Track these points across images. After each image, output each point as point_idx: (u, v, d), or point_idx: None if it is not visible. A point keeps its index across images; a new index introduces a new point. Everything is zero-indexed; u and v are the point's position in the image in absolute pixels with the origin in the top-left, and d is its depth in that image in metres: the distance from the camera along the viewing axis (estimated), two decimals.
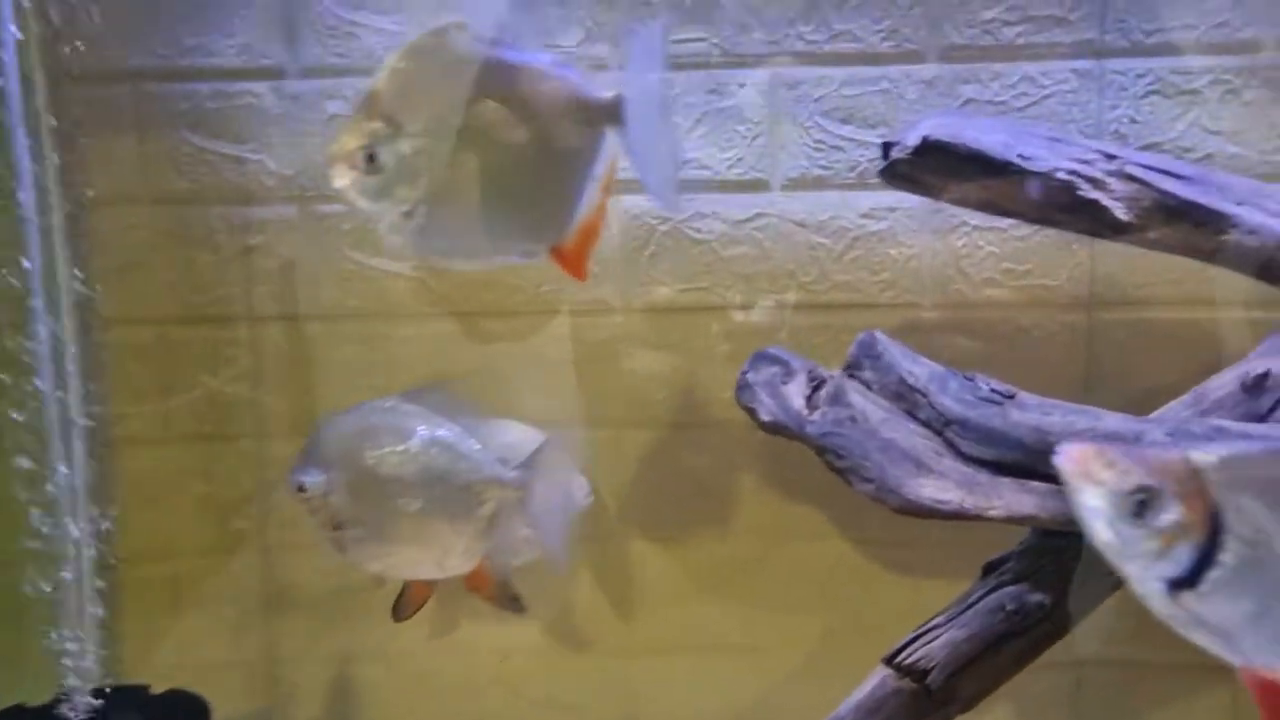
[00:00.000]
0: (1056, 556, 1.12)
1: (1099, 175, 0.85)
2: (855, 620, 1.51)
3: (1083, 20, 1.42)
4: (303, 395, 1.51)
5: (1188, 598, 0.73)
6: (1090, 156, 0.85)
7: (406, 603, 1.29)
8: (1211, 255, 0.84)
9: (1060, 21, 1.42)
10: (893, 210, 1.47)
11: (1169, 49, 1.41)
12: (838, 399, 1.12)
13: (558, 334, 1.49)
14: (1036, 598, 1.10)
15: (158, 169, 1.48)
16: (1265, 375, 1.11)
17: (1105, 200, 0.83)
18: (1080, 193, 0.83)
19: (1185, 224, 0.83)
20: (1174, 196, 0.84)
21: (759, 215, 1.48)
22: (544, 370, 1.50)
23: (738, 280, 1.47)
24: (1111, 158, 0.85)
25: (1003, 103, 1.45)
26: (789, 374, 1.14)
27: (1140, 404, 1.35)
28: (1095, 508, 0.74)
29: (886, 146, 0.93)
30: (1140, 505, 0.72)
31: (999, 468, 1.09)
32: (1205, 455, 0.73)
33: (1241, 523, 0.71)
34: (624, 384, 1.50)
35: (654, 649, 1.53)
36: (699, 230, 1.48)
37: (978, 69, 1.45)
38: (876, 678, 1.12)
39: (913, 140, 0.88)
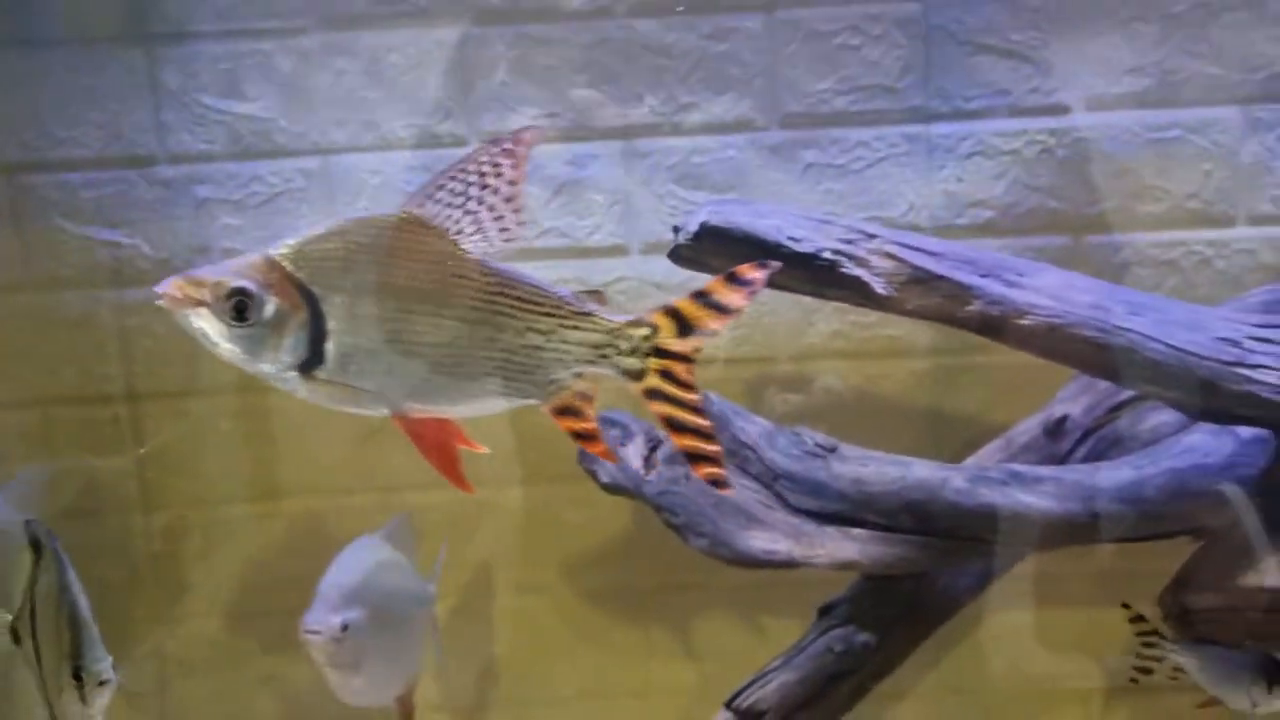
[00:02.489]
0: (882, 598, 1.21)
1: (861, 254, 0.93)
2: (736, 666, 1.59)
3: (908, 89, 1.52)
4: (185, 470, 1.56)
5: (323, 375, 0.81)
6: (853, 236, 0.94)
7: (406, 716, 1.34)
8: (962, 322, 0.92)
9: (889, 90, 1.52)
10: None
11: (988, 113, 1.52)
12: (673, 459, 1.20)
13: None
14: (863, 638, 1.18)
15: (36, 257, 1.54)
16: (1063, 420, 1.21)
17: (866, 276, 0.91)
18: (844, 270, 0.92)
19: (937, 295, 0.92)
20: (926, 271, 0.92)
21: (620, 279, 1.56)
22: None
23: None
24: (872, 237, 0.94)
25: (841, 165, 1.55)
26: (628, 436, 1.22)
27: (980, 445, 1.45)
28: (206, 328, 0.80)
29: (676, 230, 1.01)
30: (240, 309, 0.78)
31: (824, 517, 1.17)
32: (278, 249, 0.81)
33: (329, 291, 0.78)
34: (498, 445, 1.57)
35: (531, 701, 1.59)
36: None
37: (817, 135, 1.55)
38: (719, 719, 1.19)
39: (693, 226, 0.96)
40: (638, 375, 0.87)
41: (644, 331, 0.87)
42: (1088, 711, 1.58)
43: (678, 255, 0.98)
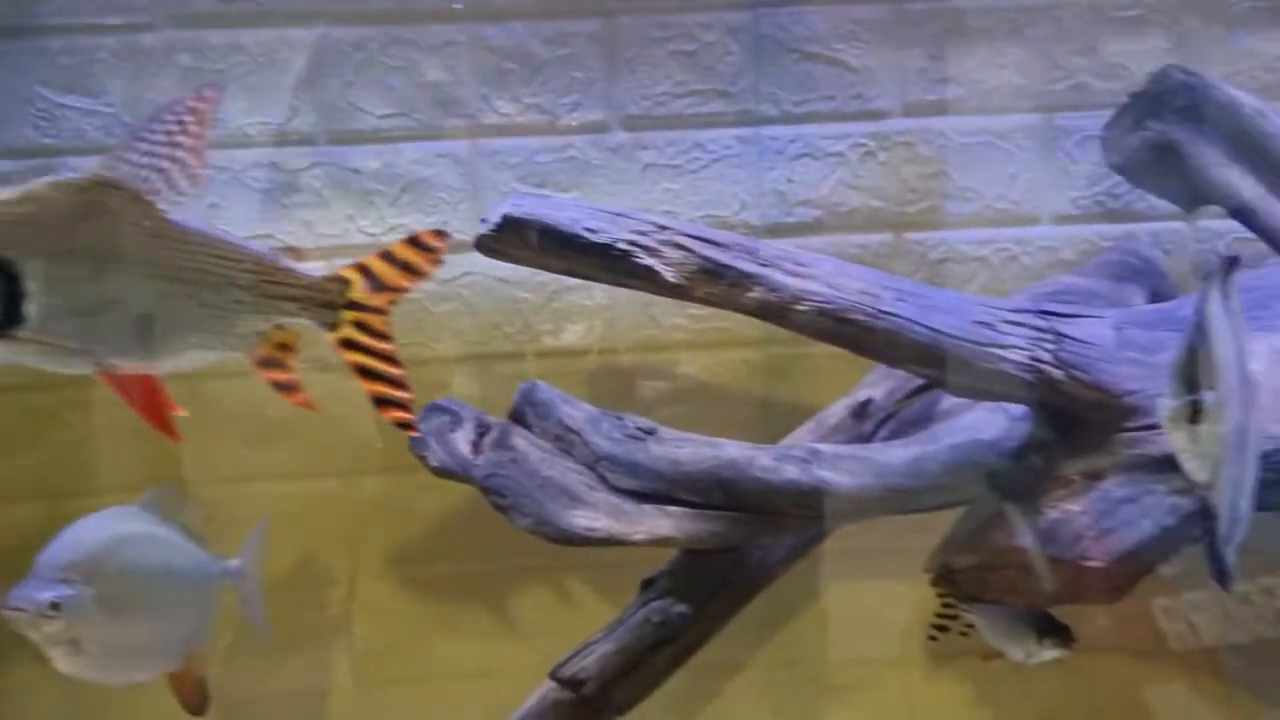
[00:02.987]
0: (699, 571, 1.28)
1: (653, 244, 0.99)
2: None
3: (741, 93, 1.61)
4: None
5: (24, 334, 0.83)
6: (646, 228, 1.00)
7: (188, 694, 1.30)
8: (744, 308, 0.99)
9: (722, 94, 1.60)
10: None
11: (815, 117, 1.61)
12: (501, 443, 1.25)
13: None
14: (680, 609, 1.25)
15: None
16: (868, 402, 1.30)
17: (657, 265, 0.97)
18: (636, 260, 0.98)
19: (723, 284, 0.98)
20: (712, 261, 0.99)
21: (466, 274, 1.61)
22: (270, 428, 1.59)
23: (448, 334, 1.60)
24: (664, 229, 1.00)
25: (678, 166, 1.62)
26: (458, 423, 1.27)
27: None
28: None
29: (484, 222, 1.07)
30: None
31: (642, 496, 1.23)
32: None
33: (24, 253, 0.82)
34: (349, 435, 1.60)
35: (389, 680, 1.62)
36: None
37: (654, 136, 1.62)
38: (542, 690, 1.25)
39: (495, 218, 1.01)
40: (332, 326, 0.96)
41: (338, 286, 0.94)
42: (909, 679, 1.68)
43: (482, 246, 1.04)
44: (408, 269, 0.96)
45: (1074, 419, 0.97)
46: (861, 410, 1.29)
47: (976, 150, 1.62)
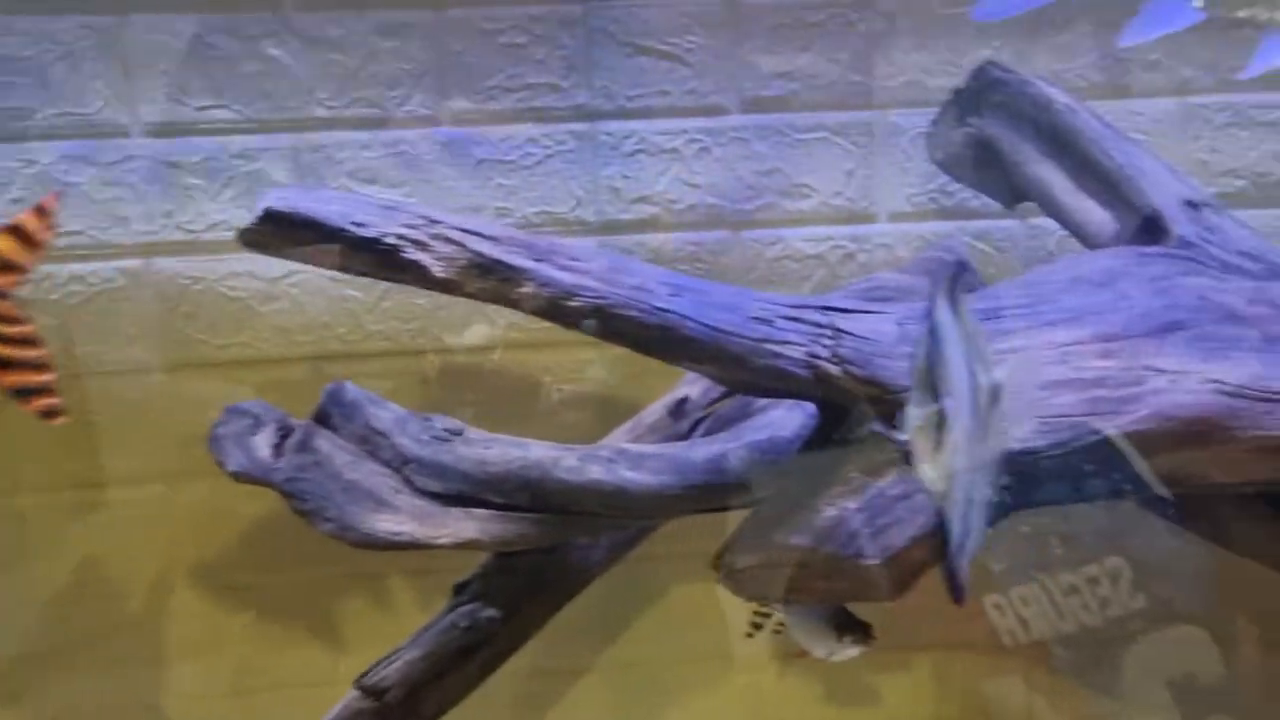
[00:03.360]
0: (509, 575, 1.25)
1: (423, 239, 0.96)
2: None
3: (574, 87, 1.58)
4: None
5: None
6: (417, 222, 0.97)
7: None
8: (516, 304, 0.97)
9: (555, 88, 1.58)
10: None
11: (650, 112, 1.59)
12: (304, 446, 1.21)
13: (111, 396, 1.52)
14: (488, 613, 1.22)
15: None
16: (684, 401, 1.28)
17: (426, 260, 0.94)
18: (404, 254, 0.95)
19: (494, 279, 0.96)
20: (484, 256, 0.96)
21: (293, 272, 1.56)
22: (88, 431, 1.53)
23: (275, 334, 1.55)
24: (435, 222, 0.97)
25: (512, 161, 1.59)
26: (259, 425, 1.22)
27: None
28: None
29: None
30: None
31: (449, 499, 1.20)
32: None
33: None
34: (171, 438, 1.54)
35: (203, 696, 1.57)
36: (234, 288, 1.55)
37: (487, 131, 1.59)
38: (346, 699, 1.21)
39: (257, 211, 0.98)
40: None
41: None
42: (758, 679, 1.67)
43: (245, 239, 1.00)
44: (29, 242, 0.88)
45: (854, 414, 0.97)
46: (678, 408, 1.27)
47: (813, 147, 1.61)
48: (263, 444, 1.23)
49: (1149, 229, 1.23)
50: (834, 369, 0.96)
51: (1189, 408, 1.01)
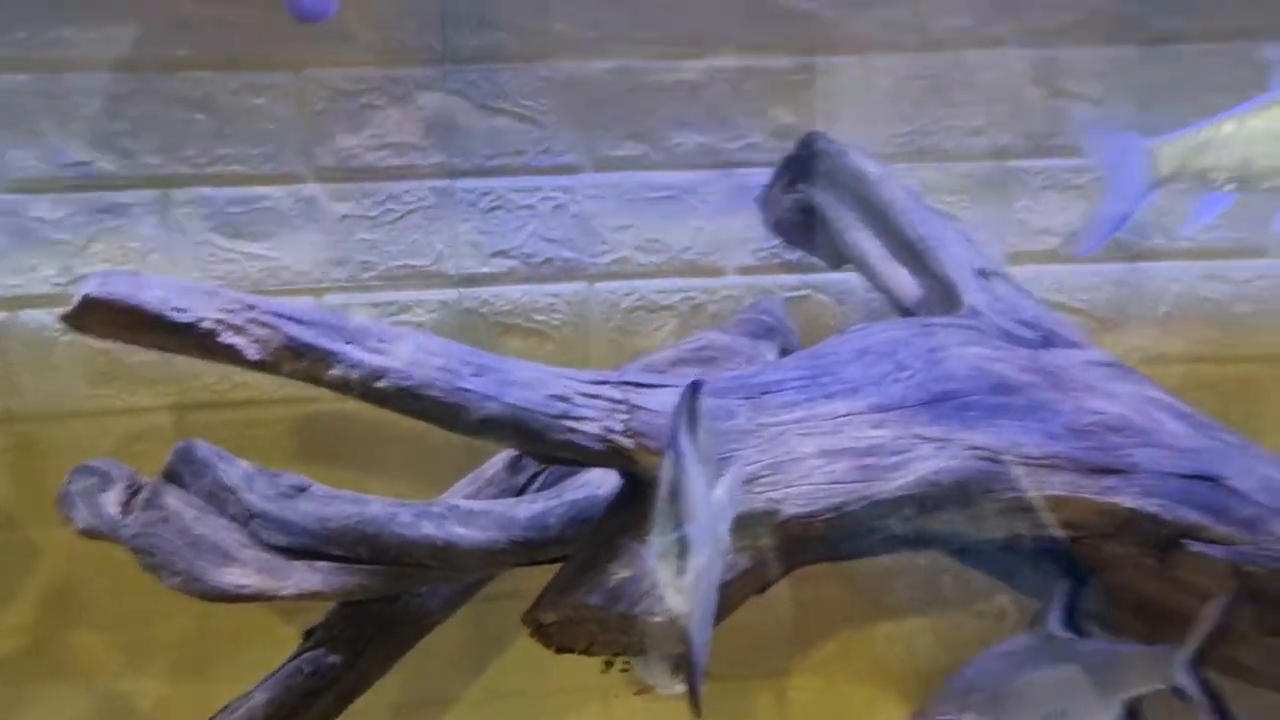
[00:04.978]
0: (356, 621, 1.32)
1: (240, 323, 1.03)
2: None
3: (433, 146, 1.65)
4: None
5: None
6: (234, 306, 1.03)
7: None
8: (328, 384, 1.04)
9: (416, 147, 1.65)
10: None
11: (507, 170, 1.67)
12: (152, 503, 1.27)
13: None
14: (332, 658, 1.29)
15: None
16: (520, 456, 1.36)
17: (241, 344, 1.01)
18: (221, 338, 1.02)
19: (306, 360, 1.02)
20: (296, 339, 1.03)
21: None
22: None
23: (141, 385, 1.60)
24: (251, 307, 1.04)
25: (374, 217, 1.66)
26: (107, 483, 1.28)
27: None
28: None
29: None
30: None
31: (293, 552, 1.27)
32: None
33: None
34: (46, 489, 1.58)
35: None
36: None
37: (350, 188, 1.65)
38: None
39: (76, 299, 1.03)
40: None
41: None
42: (609, 708, 1.76)
43: (69, 324, 1.05)
44: None
45: (650, 483, 1.05)
46: (516, 463, 1.35)
47: (664, 204, 1.70)
48: (111, 501, 1.29)
49: (946, 296, 1.34)
50: (628, 443, 1.05)
51: (951, 473, 1.11)
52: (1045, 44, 1.65)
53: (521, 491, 1.36)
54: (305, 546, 1.28)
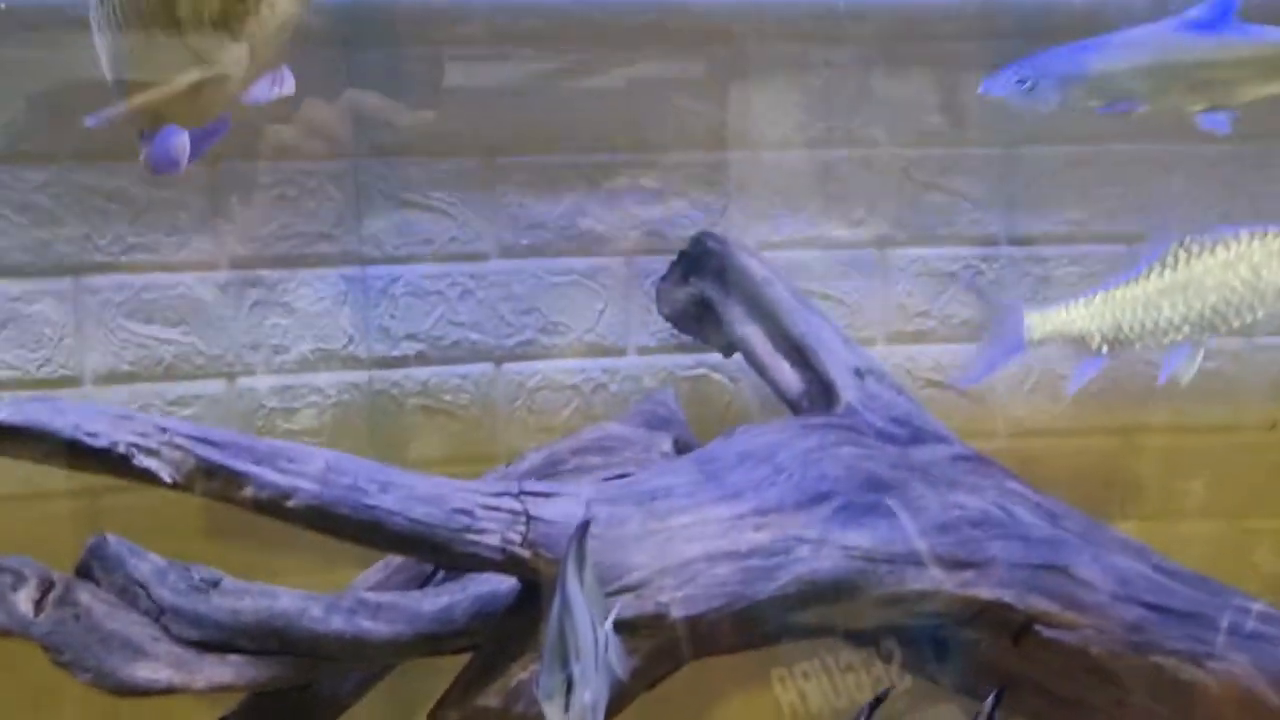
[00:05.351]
0: (269, 709, 1.37)
1: (154, 445, 1.09)
2: None
3: (344, 235, 1.71)
4: None
5: None
6: (147, 430, 1.09)
7: None
8: (241, 504, 1.10)
9: (326, 236, 1.71)
10: (199, 397, 1.69)
11: (416, 258, 1.74)
12: (64, 600, 1.31)
13: None
14: None
15: None
16: None
17: (155, 466, 1.07)
18: (135, 461, 1.07)
19: (218, 481, 1.09)
20: (208, 460, 1.09)
21: None
22: None
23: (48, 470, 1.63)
24: (164, 430, 1.10)
25: (286, 303, 1.71)
26: (20, 581, 1.31)
27: None
28: None
29: None
30: None
31: (205, 646, 1.32)
32: None
33: None
34: None
35: None
36: None
37: (262, 275, 1.70)
38: None
39: None
40: None
41: None
42: None
43: None
44: None
45: (546, 588, 1.13)
46: None
47: (566, 288, 1.79)
48: (24, 600, 1.32)
49: (826, 391, 1.45)
50: (525, 553, 1.13)
51: (826, 573, 1.21)
52: (918, 145, 1.79)
53: (429, 578, 1.43)
54: (217, 640, 1.32)
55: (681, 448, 1.49)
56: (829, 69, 1.76)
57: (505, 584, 1.30)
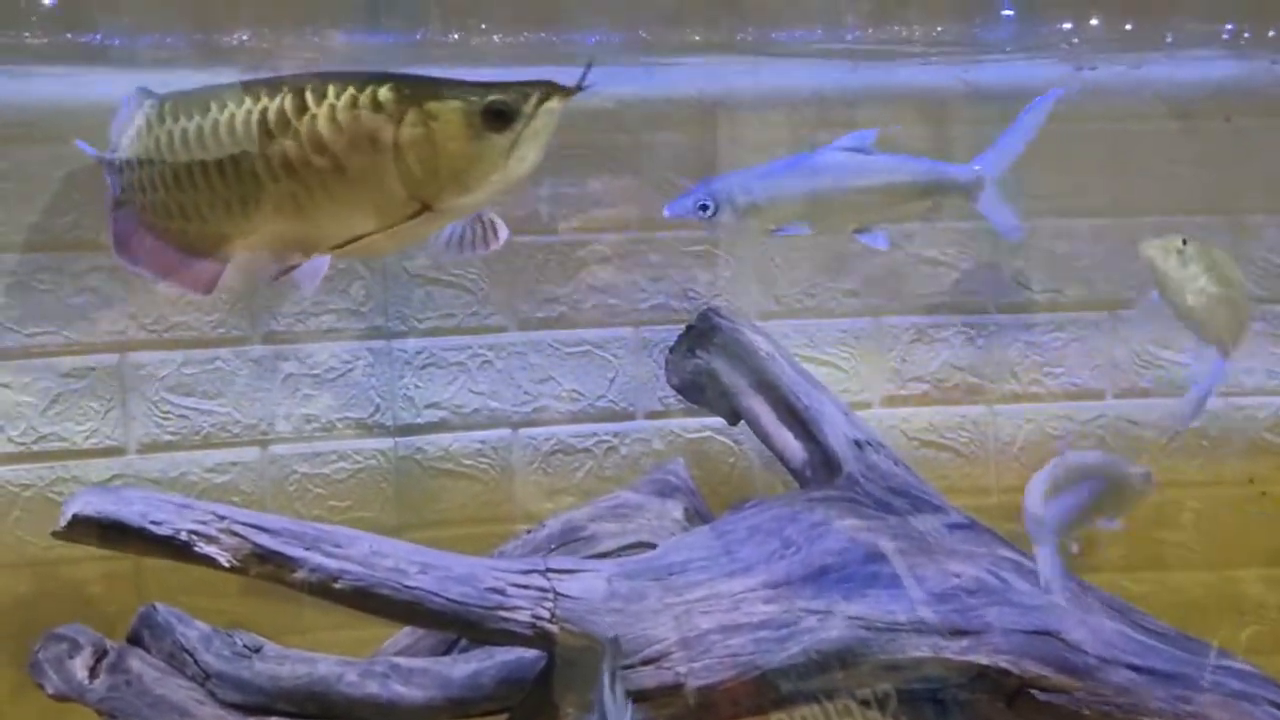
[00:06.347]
0: None
1: (213, 532, 1.18)
2: None
3: (371, 310, 1.81)
4: None
5: None
6: (207, 518, 1.19)
7: None
8: (292, 585, 1.20)
9: (354, 312, 1.81)
10: (234, 465, 1.79)
11: (439, 331, 1.84)
12: (116, 667, 1.40)
13: None
14: None
15: None
16: None
17: (215, 553, 1.16)
18: (197, 548, 1.16)
19: (271, 565, 1.18)
20: (262, 546, 1.19)
21: (116, 476, 1.74)
22: None
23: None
24: (223, 518, 1.19)
25: (317, 375, 1.81)
26: (75, 649, 1.40)
27: None
28: None
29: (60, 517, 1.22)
30: None
31: (248, 709, 1.41)
32: None
33: None
34: None
35: None
36: (61, 493, 1.72)
37: (294, 349, 1.80)
38: None
39: (64, 518, 1.17)
40: None
41: None
42: None
43: (60, 538, 1.18)
44: None
45: (570, 660, 1.22)
46: None
47: (579, 358, 1.89)
48: (80, 666, 1.41)
49: (827, 462, 1.54)
50: (553, 628, 1.22)
51: (832, 642, 1.31)
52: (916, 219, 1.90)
53: (455, 643, 1.52)
54: (259, 704, 1.42)
55: (691, 515, 1.59)
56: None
57: (530, 652, 1.39)
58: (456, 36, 1.59)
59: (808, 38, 1.67)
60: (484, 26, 1.69)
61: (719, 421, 1.91)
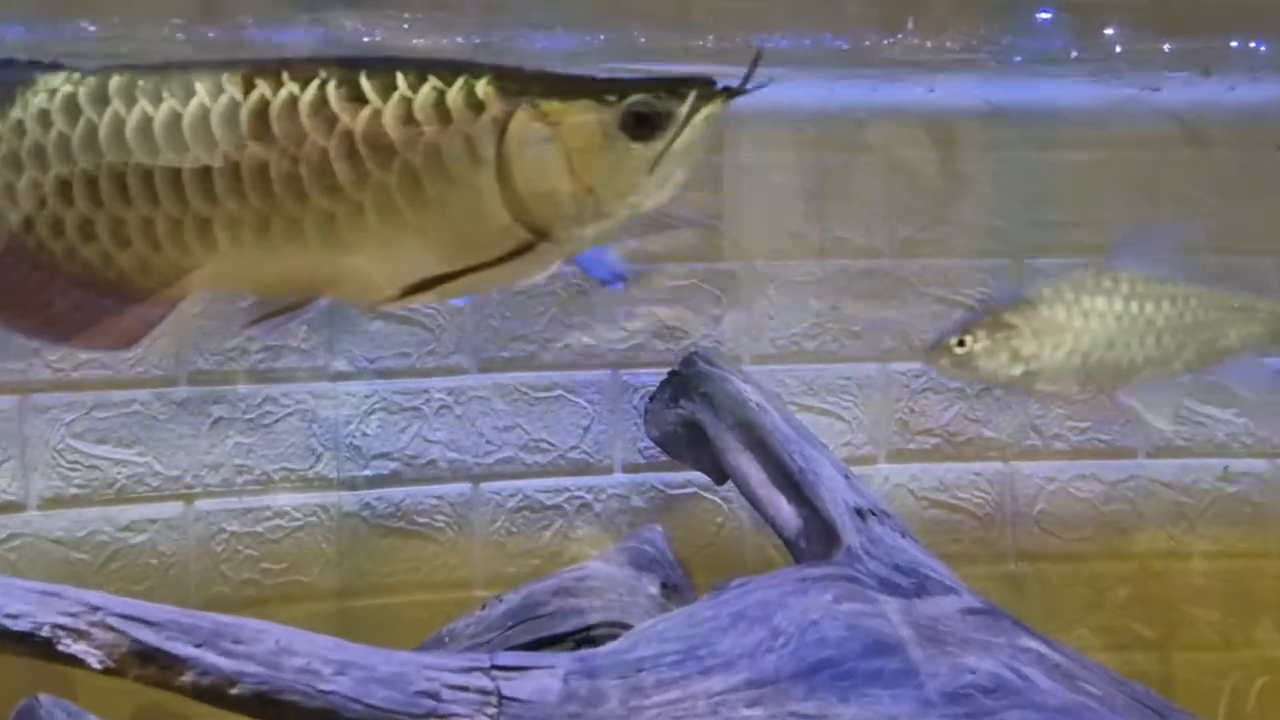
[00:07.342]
0: None
1: (83, 627, 0.98)
2: None
3: (314, 347, 1.62)
4: None
5: None
6: (76, 609, 0.99)
7: None
8: (181, 691, 1.00)
9: (295, 349, 1.61)
10: (153, 522, 1.59)
11: (390, 373, 1.65)
12: None
13: None
14: None
15: None
16: None
17: (82, 651, 0.96)
18: (61, 646, 0.97)
19: (154, 666, 0.98)
20: (143, 643, 0.98)
21: (12, 536, 1.54)
22: None
23: None
24: (97, 609, 0.99)
25: (251, 420, 1.61)
26: None
27: None
28: None
29: None
30: None
31: None
32: None
33: None
34: None
35: None
36: None
37: (225, 391, 1.61)
38: None
39: None
40: None
41: None
42: None
43: None
44: None
45: None
46: None
47: (550, 404, 1.69)
48: None
49: (824, 531, 1.34)
50: None
51: None
52: (924, 255, 1.71)
53: None
54: None
55: (670, 591, 1.39)
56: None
57: None
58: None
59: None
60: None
61: (704, 477, 1.73)
